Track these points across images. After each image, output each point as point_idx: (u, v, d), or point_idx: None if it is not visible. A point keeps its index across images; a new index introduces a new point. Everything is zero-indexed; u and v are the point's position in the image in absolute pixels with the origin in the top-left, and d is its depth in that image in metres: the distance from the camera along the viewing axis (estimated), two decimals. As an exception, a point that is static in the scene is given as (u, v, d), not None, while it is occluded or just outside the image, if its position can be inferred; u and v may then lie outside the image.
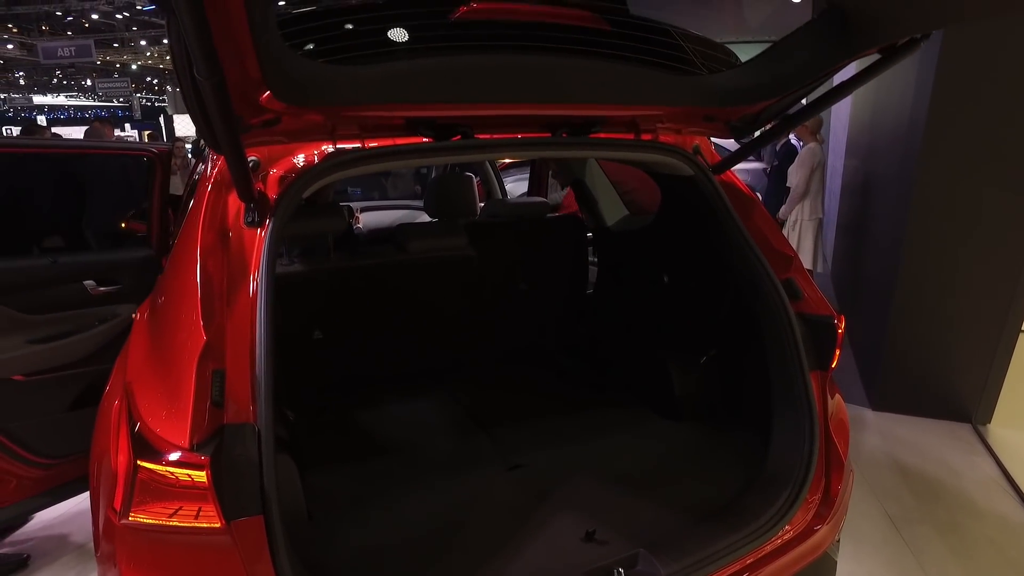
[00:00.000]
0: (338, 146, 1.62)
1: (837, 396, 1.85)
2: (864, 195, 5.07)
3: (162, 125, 21.42)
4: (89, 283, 2.44)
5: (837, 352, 1.75)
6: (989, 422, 3.69)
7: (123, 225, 3.04)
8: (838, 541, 1.74)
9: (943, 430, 3.63)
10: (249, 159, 1.55)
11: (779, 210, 5.42)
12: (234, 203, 1.52)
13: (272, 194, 1.51)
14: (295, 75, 1.25)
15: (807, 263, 5.09)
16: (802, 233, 5.17)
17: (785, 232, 5.24)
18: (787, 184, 5.30)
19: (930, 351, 3.71)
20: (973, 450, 3.42)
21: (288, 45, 1.23)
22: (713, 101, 1.67)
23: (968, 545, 2.62)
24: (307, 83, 1.28)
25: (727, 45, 1.70)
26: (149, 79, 34.38)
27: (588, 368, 2.82)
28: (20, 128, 8.87)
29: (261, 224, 1.45)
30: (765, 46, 1.57)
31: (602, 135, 1.82)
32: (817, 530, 1.60)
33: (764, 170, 7.50)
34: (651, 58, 1.55)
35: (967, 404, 3.70)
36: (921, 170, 3.47)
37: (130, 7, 20.64)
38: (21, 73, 30.65)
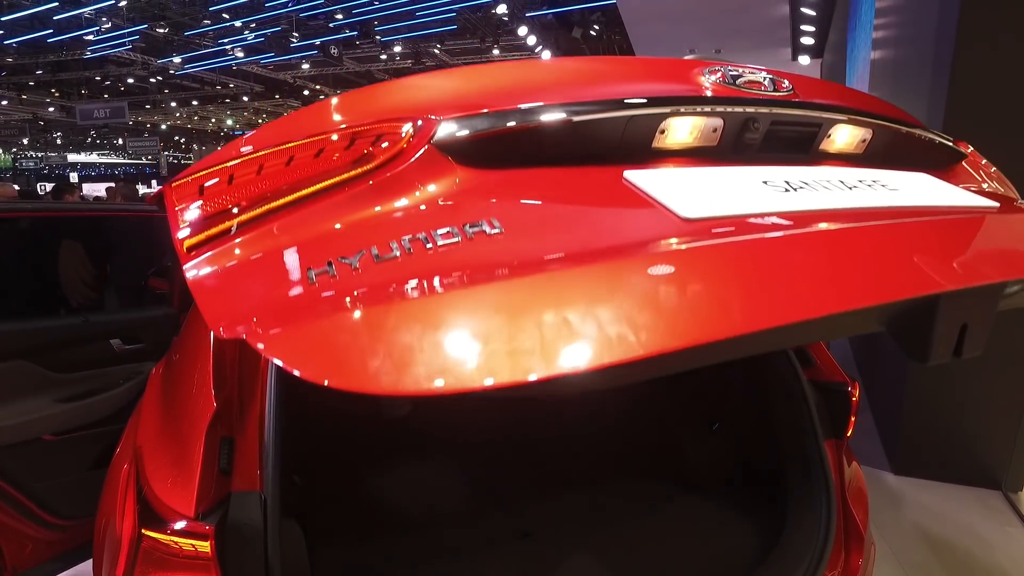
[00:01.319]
0: None
1: (854, 464, 1.80)
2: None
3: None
4: (115, 341, 2.48)
5: (852, 420, 1.72)
6: (1021, 489, 3.53)
7: (145, 283, 3.10)
8: None
9: (971, 497, 3.48)
10: None
11: None
12: None
13: None
14: None
15: None
16: None
17: None
18: None
19: (952, 412, 3.59)
20: (1005, 520, 3.27)
21: None
22: None
23: (1004, 624, 2.49)
24: None
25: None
26: (176, 138, 35.79)
27: (600, 434, 2.78)
28: (53, 185, 9.20)
29: None
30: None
31: None
32: None
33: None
34: None
35: (995, 469, 3.56)
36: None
37: (163, 71, 21.72)
38: (59, 133, 32.14)
